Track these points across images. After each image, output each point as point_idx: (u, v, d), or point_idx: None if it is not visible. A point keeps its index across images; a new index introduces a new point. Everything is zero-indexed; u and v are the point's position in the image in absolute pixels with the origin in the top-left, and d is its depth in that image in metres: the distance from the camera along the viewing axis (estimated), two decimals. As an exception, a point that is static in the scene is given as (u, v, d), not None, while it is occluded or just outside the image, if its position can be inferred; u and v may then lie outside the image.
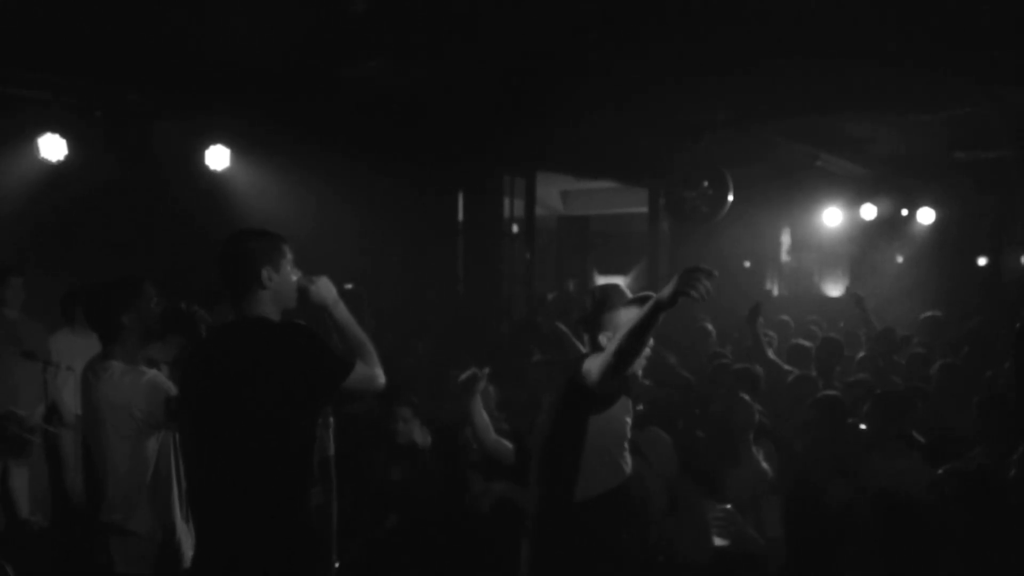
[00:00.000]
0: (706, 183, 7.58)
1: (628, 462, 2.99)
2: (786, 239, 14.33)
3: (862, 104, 7.57)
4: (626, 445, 3.00)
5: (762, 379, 5.12)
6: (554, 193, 13.30)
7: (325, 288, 2.68)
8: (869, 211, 11.05)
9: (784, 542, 3.97)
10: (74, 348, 5.13)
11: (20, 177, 6.36)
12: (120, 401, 3.06)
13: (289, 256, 2.63)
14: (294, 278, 2.63)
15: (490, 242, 9.22)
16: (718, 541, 3.68)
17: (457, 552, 4.02)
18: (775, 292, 14.13)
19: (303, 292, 2.63)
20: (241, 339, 2.52)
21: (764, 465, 4.16)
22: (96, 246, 6.45)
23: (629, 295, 3.04)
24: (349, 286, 5.38)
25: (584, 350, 3.09)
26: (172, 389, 3.04)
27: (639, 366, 2.97)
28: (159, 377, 3.19)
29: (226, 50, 5.80)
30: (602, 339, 2.96)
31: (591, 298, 3.05)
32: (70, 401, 5.24)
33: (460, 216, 9.20)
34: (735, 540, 3.69)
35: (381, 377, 2.63)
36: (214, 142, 6.85)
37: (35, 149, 6.24)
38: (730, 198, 7.62)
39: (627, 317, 2.89)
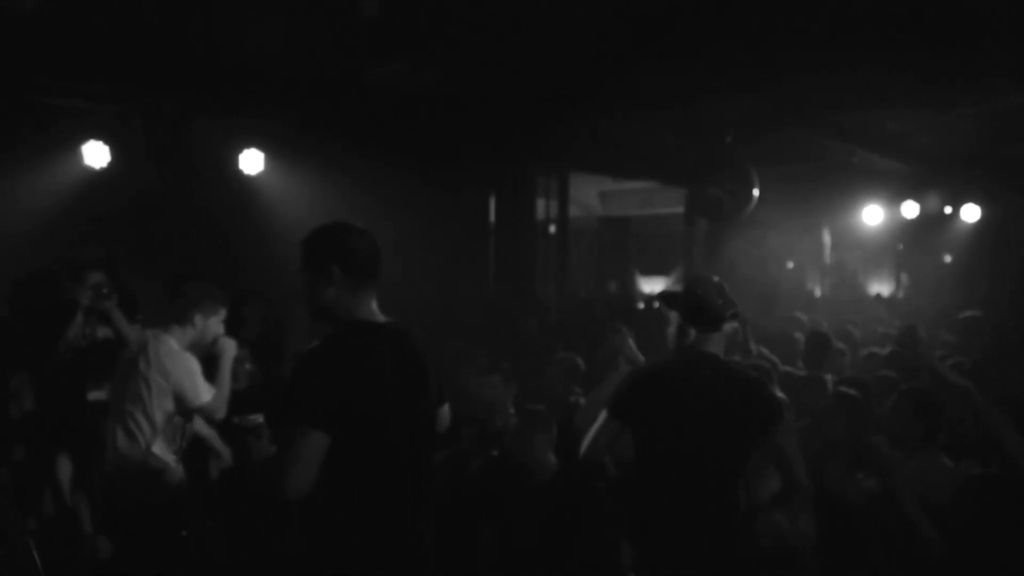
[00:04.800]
0: (730, 180, 7.51)
1: None
2: (827, 238, 14.08)
3: (897, 100, 7.45)
4: None
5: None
6: (592, 194, 13.31)
7: None
8: (911, 208, 10.83)
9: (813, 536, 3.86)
10: None
11: (66, 183, 6.59)
12: None
13: None
14: None
15: (522, 243, 9.26)
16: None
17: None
18: (817, 293, 13.89)
19: None
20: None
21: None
22: (138, 250, 6.65)
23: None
24: None
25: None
26: None
27: None
28: None
29: (256, 57, 5.96)
30: None
31: (721, 294, 3.05)
32: None
33: (492, 217, 9.26)
34: (774, 537, 3.55)
35: None
36: (248, 146, 7.04)
37: (79, 156, 6.50)
38: (755, 194, 7.53)
39: None
